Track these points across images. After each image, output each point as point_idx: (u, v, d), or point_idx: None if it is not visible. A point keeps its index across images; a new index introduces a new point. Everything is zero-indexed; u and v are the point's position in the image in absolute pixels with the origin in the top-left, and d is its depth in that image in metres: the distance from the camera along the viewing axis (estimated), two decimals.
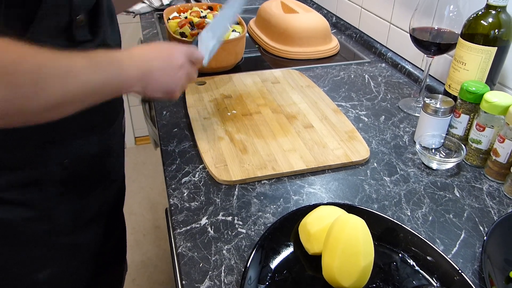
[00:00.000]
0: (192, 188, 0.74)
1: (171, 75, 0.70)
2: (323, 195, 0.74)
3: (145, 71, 0.65)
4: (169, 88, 0.70)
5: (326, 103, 1.01)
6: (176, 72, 0.70)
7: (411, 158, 0.84)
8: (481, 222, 0.70)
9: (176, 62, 0.70)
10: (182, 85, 0.73)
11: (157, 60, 0.68)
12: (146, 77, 0.65)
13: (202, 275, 0.59)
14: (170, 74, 0.69)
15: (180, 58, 0.71)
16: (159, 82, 0.68)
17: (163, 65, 0.68)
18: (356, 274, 0.54)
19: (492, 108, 0.76)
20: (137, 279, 1.70)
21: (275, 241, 0.62)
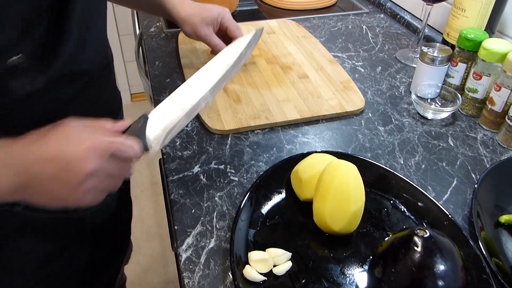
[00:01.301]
0: (184, 137, 0.74)
1: (71, 187, 0.44)
2: (317, 144, 0.74)
3: (27, 179, 0.43)
4: (69, 204, 0.46)
5: (322, 54, 0.98)
6: (80, 182, 0.44)
7: (406, 108, 0.84)
8: (473, 170, 0.70)
9: (81, 168, 0.43)
10: (96, 196, 0.47)
11: (50, 162, 0.43)
12: (27, 188, 0.44)
13: (194, 220, 0.59)
14: (68, 185, 0.44)
15: (91, 162, 0.43)
16: (50, 195, 0.45)
17: (57, 171, 0.43)
18: (346, 218, 0.54)
19: (490, 55, 0.74)
20: (134, 233, 1.73)
21: (267, 188, 0.62)
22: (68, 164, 0.43)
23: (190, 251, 0.55)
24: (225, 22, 0.84)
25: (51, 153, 0.43)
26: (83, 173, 0.43)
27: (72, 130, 0.44)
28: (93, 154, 0.43)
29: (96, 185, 0.45)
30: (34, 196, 0.45)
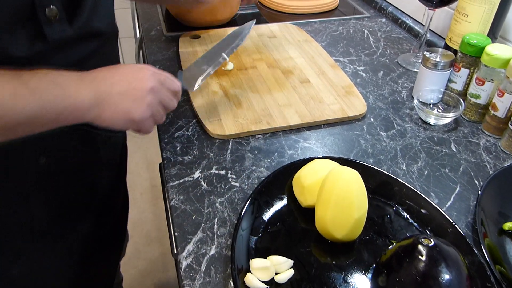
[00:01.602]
0: (185, 142, 0.73)
1: (136, 100, 0.56)
2: (318, 149, 0.73)
3: (101, 94, 0.53)
4: (134, 116, 0.56)
5: (323, 58, 0.98)
6: (143, 96, 0.56)
7: (409, 114, 0.83)
8: (476, 176, 0.69)
9: (143, 85, 0.56)
10: (153, 114, 0.59)
11: (118, 83, 0.55)
12: (102, 102, 0.53)
13: (195, 227, 0.59)
14: (134, 98, 0.55)
15: (150, 81, 0.57)
16: (120, 108, 0.55)
17: (125, 88, 0.55)
18: (349, 226, 0.53)
19: (493, 61, 0.74)
20: (134, 237, 1.72)
21: (268, 194, 0.61)
22: (133, 83, 0.56)
23: (191, 258, 0.54)
24: None
25: (119, 76, 0.55)
26: (146, 89, 0.56)
27: (131, 65, 0.58)
28: (152, 77, 0.58)
29: (153, 102, 0.58)
30: (106, 109, 0.54)
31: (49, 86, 0.49)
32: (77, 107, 0.52)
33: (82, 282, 0.82)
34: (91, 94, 0.53)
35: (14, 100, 0.46)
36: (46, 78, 0.50)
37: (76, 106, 0.51)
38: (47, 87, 0.49)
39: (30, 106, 0.47)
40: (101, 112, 0.54)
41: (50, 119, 0.50)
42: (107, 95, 0.54)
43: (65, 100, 0.50)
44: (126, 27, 2.29)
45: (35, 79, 0.48)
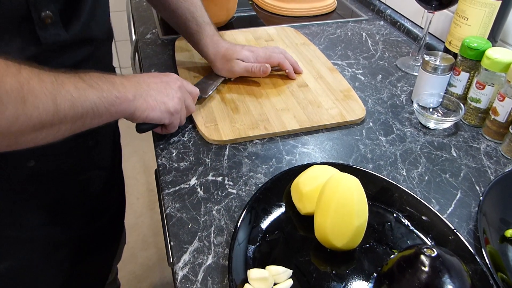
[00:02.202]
0: (181, 148, 0.72)
1: (169, 94, 0.67)
2: (317, 155, 0.72)
3: (141, 91, 0.63)
4: (169, 107, 0.66)
5: (321, 62, 0.97)
6: (175, 92, 0.68)
7: (408, 118, 0.82)
8: (477, 182, 0.68)
9: (173, 84, 0.68)
10: (182, 109, 0.69)
11: (153, 83, 0.66)
12: (142, 95, 0.62)
13: (191, 236, 0.57)
14: (167, 93, 0.66)
15: (177, 82, 0.69)
16: (158, 99, 0.65)
17: (159, 87, 0.66)
18: (349, 234, 0.52)
19: (493, 65, 0.73)
20: (131, 242, 1.70)
21: (266, 201, 0.60)
22: (164, 83, 0.67)
23: (187, 268, 0.53)
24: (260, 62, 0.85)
25: (152, 79, 0.67)
26: (176, 87, 0.68)
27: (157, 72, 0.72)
28: (177, 79, 0.70)
29: (182, 98, 0.69)
30: (146, 101, 0.63)
31: (101, 80, 0.56)
32: (125, 97, 0.59)
33: (73, 282, 0.82)
34: (133, 89, 0.61)
35: (79, 92, 0.51)
36: (96, 75, 0.56)
37: (124, 97, 0.59)
38: (100, 81, 0.56)
39: (90, 96, 0.53)
40: (142, 103, 0.62)
41: (106, 108, 0.56)
42: (146, 91, 0.63)
43: (115, 91, 0.57)
44: (122, 30, 2.28)
45: (88, 76, 0.54)
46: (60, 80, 0.50)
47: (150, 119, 0.65)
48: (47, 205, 0.70)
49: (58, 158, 0.68)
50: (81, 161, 0.73)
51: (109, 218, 0.93)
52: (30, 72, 0.47)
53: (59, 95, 0.49)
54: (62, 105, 0.49)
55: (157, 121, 0.66)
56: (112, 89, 0.57)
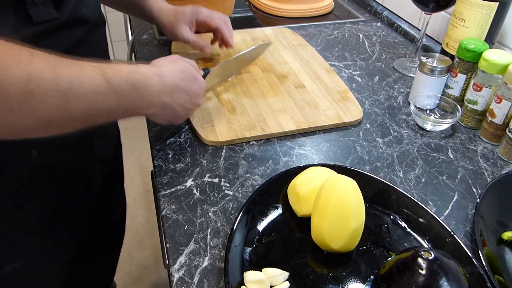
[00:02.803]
0: (177, 149, 0.72)
1: (187, 111, 0.66)
2: (314, 156, 0.72)
3: (166, 105, 0.61)
4: (177, 122, 0.67)
5: (318, 63, 0.97)
6: (192, 110, 0.67)
7: (405, 120, 0.82)
8: (474, 184, 0.68)
9: (197, 101, 0.67)
10: (200, 102, 0.69)
11: (181, 96, 0.63)
12: (164, 110, 0.62)
13: (187, 238, 0.57)
14: (186, 110, 0.65)
15: (201, 98, 0.68)
16: (173, 115, 0.64)
17: (183, 101, 0.64)
18: (346, 236, 0.52)
19: (490, 67, 0.73)
20: (127, 243, 1.70)
21: (263, 203, 0.60)
22: (191, 98, 0.65)
23: (183, 270, 0.53)
24: (200, 18, 0.85)
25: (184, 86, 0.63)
26: (196, 105, 0.67)
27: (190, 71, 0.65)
28: (202, 92, 0.68)
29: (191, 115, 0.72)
30: (162, 114, 0.62)
31: (128, 88, 0.54)
32: (146, 109, 0.59)
33: (78, 284, 0.82)
34: (160, 101, 0.60)
35: (97, 96, 0.50)
36: (127, 78, 0.54)
37: (145, 108, 0.58)
38: (127, 88, 0.54)
39: (108, 102, 0.51)
40: (159, 114, 0.62)
41: (121, 114, 0.56)
42: (171, 105, 0.62)
43: (139, 102, 0.56)
44: (118, 30, 2.27)
45: (117, 78, 0.52)
46: (81, 78, 0.47)
47: (155, 121, 0.66)
48: (51, 205, 0.69)
49: (61, 148, 0.67)
50: (83, 153, 0.72)
51: (112, 220, 0.93)
52: (44, 63, 0.44)
53: (73, 96, 0.47)
54: (74, 105, 0.47)
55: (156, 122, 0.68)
56: (137, 99, 0.56)
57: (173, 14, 0.86)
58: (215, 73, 0.81)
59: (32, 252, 0.70)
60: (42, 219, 0.68)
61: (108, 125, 0.77)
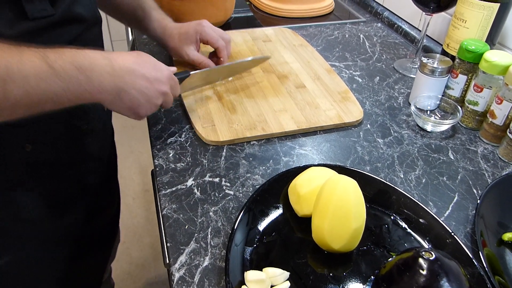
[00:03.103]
0: (178, 148, 0.71)
1: (150, 100, 0.62)
2: (314, 156, 0.72)
3: (121, 87, 0.57)
4: (140, 112, 0.62)
5: (319, 63, 0.97)
6: (156, 98, 0.63)
7: (406, 120, 0.82)
8: (474, 185, 0.68)
9: (159, 87, 0.62)
10: (151, 112, 0.65)
11: (140, 80, 0.59)
12: (120, 93, 0.57)
13: (188, 237, 0.57)
14: (148, 98, 0.61)
15: (165, 85, 0.64)
16: (133, 102, 0.60)
17: (144, 87, 0.60)
18: (347, 236, 0.52)
19: (491, 67, 0.73)
20: (126, 242, 1.70)
21: (263, 203, 0.60)
22: (152, 83, 0.61)
23: (184, 270, 0.53)
24: (204, 37, 0.85)
25: (143, 70, 0.59)
26: (160, 92, 0.63)
27: (152, 60, 0.63)
28: (168, 80, 0.64)
29: (158, 105, 0.64)
30: (120, 100, 0.58)
31: (73, 70, 0.51)
32: (97, 91, 0.55)
33: (71, 279, 0.82)
34: (112, 84, 0.56)
35: (39, 81, 0.48)
36: (71, 61, 0.51)
37: (97, 91, 0.54)
38: (72, 70, 0.51)
39: (52, 87, 0.49)
40: (115, 100, 0.58)
41: (70, 100, 0.53)
42: (126, 89, 0.58)
43: (87, 85, 0.53)
44: (119, 30, 2.27)
45: (60, 61, 0.50)
46: (20, 63, 0.46)
47: (116, 112, 0.62)
48: (45, 199, 0.69)
49: (54, 143, 0.67)
50: (76, 149, 0.72)
51: (106, 217, 0.93)
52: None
53: (12, 82, 0.46)
54: (13, 92, 0.46)
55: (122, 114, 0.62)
56: (85, 82, 0.52)
57: (177, 37, 0.85)
58: (197, 77, 0.79)
59: (23, 246, 0.71)
60: (34, 213, 0.69)
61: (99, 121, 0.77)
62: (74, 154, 0.72)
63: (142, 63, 0.60)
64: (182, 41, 0.85)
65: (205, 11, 1.05)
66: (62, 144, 0.69)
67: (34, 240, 0.72)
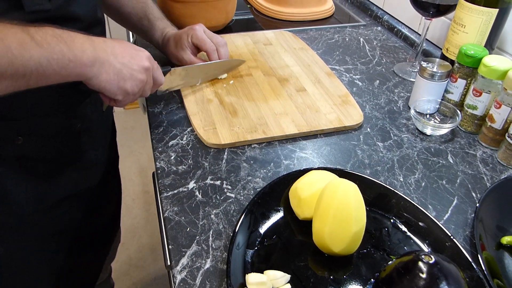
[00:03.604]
0: (179, 151, 0.72)
1: (133, 73, 0.62)
2: (315, 160, 0.72)
3: (103, 57, 0.58)
4: (127, 87, 0.62)
5: (319, 66, 0.97)
6: (139, 72, 0.63)
7: (405, 124, 0.82)
8: (473, 188, 0.69)
9: (141, 63, 0.63)
10: (138, 92, 0.65)
11: (120, 54, 0.60)
12: (103, 64, 0.58)
13: (189, 239, 0.57)
14: (132, 71, 0.62)
15: (147, 62, 0.64)
16: (119, 75, 0.60)
17: (127, 60, 0.61)
18: (347, 239, 0.52)
19: (490, 72, 0.73)
20: (126, 243, 1.70)
21: (264, 206, 0.60)
22: (133, 58, 0.62)
23: (185, 272, 0.53)
24: (194, 40, 0.86)
25: (121, 48, 0.61)
26: (143, 67, 0.63)
27: (130, 44, 0.64)
28: (148, 59, 0.65)
29: (144, 81, 0.64)
30: (106, 72, 0.58)
31: (54, 40, 0.52)
32: (80, 62, 0.54)
33: (65, 276, 0.83)
34: (94, 53, 0.56)
35: (21, 50, 0.48)
36: (52, 33, 0.52)
37: (80, 61, 0.54)
38: (53, 41, 0.52)
39: (36, 56, 0.50)
40: (101, 73, 0.58)
41: (55, 70, 0.52)
42: (109, 60, 0.58)
43: (70, 54, 0.53)
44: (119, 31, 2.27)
45: (41, 33, 0.51)
46: (2, 34, 0.48)
47: (104, 90, 0.60)
48: (37, 194, 0.70)
49: (46, 139, 0.67)
50: (70, 147, 0.72)
51: (104, 215, 0.94)
52: None
53: None
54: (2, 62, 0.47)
55: (110, 95, 0.62)
56: (67, 51, 0.53)
57: (173, 43, 0.88)
58: (177, 73, 0.81)
59: (17, 239, 0.72)
60: (27, 207, 0.70)
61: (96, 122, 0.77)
62: (68, 152, 0.73)
63: (121, 42, 0.63)
64: (178, 46, 0.87)
65: (207, 14, 1.05)
66: (55, 140, 0.69)
67: (27, 233, 0.72)
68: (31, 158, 0.67)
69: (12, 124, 0.62)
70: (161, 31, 0.90)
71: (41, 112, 0.64)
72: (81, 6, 0.64)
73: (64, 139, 0.70)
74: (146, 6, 0.91)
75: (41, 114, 0.65)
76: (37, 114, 0.64)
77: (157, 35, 0.91)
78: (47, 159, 0.69)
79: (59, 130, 0.69)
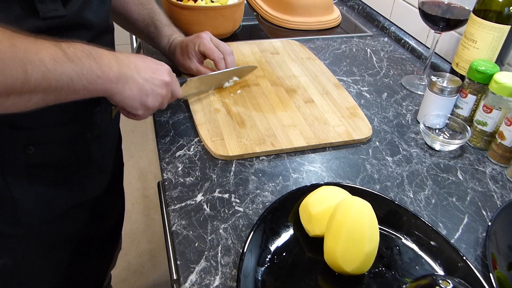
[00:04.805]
0: (187, 162, 0.71)
1: (155, 88, 0.63)
2: (324, 173, 0.71)
3: (128, 73, 0.59)
4: (148, 102, 0.63)
5: (327, 77, 0.97)
6: (161, 87, 0.64)
7: (414, 138, 0.82)
8: (484, 206, 0.68)
9: (162, 78, 0.65)
10: (159, 105, 0.66)
11: (143, 70, 0.62)
12: (128, 80, 0.59)
13: (198, 255, 0.56)
14: (153, 87, 0.63)
15: (167, 76, 0.66)
16: (142, 91, 0.61)
17: (149, 75, 0.63)
18: (360, 259, 0.51)
19: (501, 89, 0.73)
20: (125, 249, 1.68)
21: (274, 222, 0.59)
22: (155, 73, 0.64)
23: None
24: (201, 48, 0.85)
25: (143, 64, 0.62)
26: (164, 82, 0.65)
27: (152, 58, 0.66)
28: (169, 73, 0.67)
29: (164, 95, 0.66)
30: (129, 88, 0.60)
31: (84, 56, 0.53)
32: (108, 78, 0.56)
33: (68, 285, 0.82)
34: (120, 70, 0.58)
35: (55, 64, 0.49)
36: (82, 49, 0.53)
37: (107, 78, 0.56)
38: (83, 56, 0.53)
39: (68, 71, 0.51)
40: (125, 89, 0.59)
41: (84, 86, 0.53)
42: (132, 76, 0.60)
43: (98, 70, 0.54)
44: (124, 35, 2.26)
45: (72, 48, 0.52)
46: (36, 48, 0.48)
47: (126, 106, 0.62)
48: (45, 203, 0.69)
49: (57, 147, 0.67)
50: (80, 155, 0.72)
51: (108, 224, 0.93)
52: (1, 34, 0.45)
53: (30, 64, 0.47)
54: (33, 75, 0.47)
55: (131, 110, 0.63)
56: (95, 67, 0.54)
57: (179, 51, 0.87)
58: (193, 83, 0.81)
59: (22, 248, 0.71)
60: (35, 216, 0.69)
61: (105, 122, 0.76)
62: (77, 160, 0.72)
63: (142, 57, 0.64)
64: (184, 55, 0.86)
65: (214, 21, 1.05)
66: (65, 149, 0.69)
67: (33, 242, 0.72)
68: (40, 167, 0.66)
69: (24, 133, 0.62)
70: (168, 38, 0.90)
71: (55, 121, 0.64)
72: (94, 13, 0.64)
73: (74, 147, 0.70)
74: (153, 12, 0.90)
75: (55, 123, 0.64)
76: (50, 124, 0.64)
77: (164, 41, 0.90)
78: (56, 167, 0.68)
79: (70, 138, 0.68)
